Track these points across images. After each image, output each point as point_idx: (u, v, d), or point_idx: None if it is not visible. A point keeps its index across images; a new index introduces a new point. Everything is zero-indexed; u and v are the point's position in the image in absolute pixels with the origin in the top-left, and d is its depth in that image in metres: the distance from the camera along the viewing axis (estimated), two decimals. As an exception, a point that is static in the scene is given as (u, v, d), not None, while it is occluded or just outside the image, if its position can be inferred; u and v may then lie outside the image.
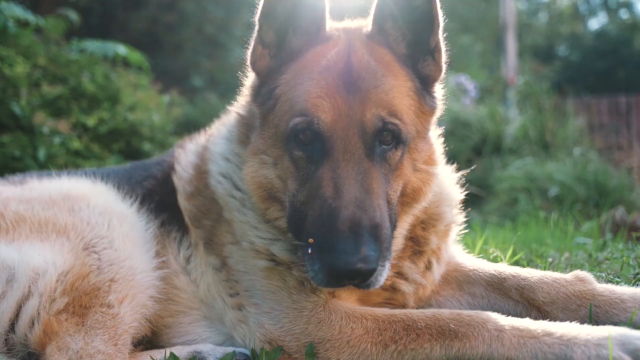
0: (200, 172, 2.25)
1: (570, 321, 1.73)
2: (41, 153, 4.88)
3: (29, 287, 1.85)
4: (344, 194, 1.64)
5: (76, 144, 5.15)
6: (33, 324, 1.81)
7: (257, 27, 1.94)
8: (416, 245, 2.07)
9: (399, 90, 1.83)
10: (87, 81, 5.56)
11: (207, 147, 2.30)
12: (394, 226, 1.80)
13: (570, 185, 5.64)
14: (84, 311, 1.86)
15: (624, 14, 36.65)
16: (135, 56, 6.05)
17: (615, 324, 1.70)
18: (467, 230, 2.44)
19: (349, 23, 2.11)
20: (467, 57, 19.46)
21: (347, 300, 1.96)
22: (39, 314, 1.82)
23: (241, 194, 2.06)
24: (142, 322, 2.01)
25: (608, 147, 12.51)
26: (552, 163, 6.43)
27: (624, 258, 2.47)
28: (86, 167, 5.36)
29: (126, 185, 2.35)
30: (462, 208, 2.28)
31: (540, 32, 29.93)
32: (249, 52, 1.99)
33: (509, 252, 2.54)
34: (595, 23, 39.85)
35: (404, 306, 2.06)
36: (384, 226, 1.65)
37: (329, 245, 1.58)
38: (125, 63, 6.61)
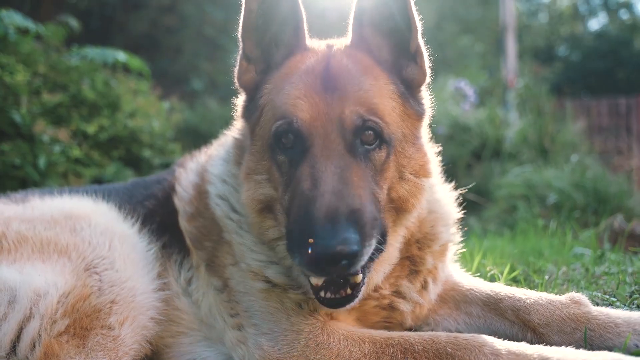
0: (201, 192, 2.27)
1: (566, 344, 1.77)
2: (41, 161, 4.90)
3: (31, 308, 1.86)
4: (320, 185, 1.64)
5: (76, 152, 5.17)
6: (34, 345, 1.83)
7: (240, 44, 1.98)
8: (412, 264, 2.09)
9: (379, 92, 1.85)
10: (87, 88, 5.57)
11: (207, 168, 2.32)
12: (383, 227, 1.78)
13: (569, 192, 5.66)
14: (84, 333, 1.88)
15: (624, 14, 36.65)
16: (135, 62, 6.06)
17: (609, 348, 1.72)
18: (464, 248, 2.46)
19: (331, 40, 2.15)
20: (467, 58, 19.47)
21: (345, 321, 1.98)
22: (40, 335, 1.84)
23: (238, 216, 2.09)
24: (143, 343, 2.03)
25: (607, 151, 12.53)
26: (550, 169, 6.45)
27: (620, 275, 2.49)
28: (86, 175, 5.39)
29: (127, 204, 2.37)
30: (459, 225, 2.30)
31: (541, 33, 29.94)
32: (235, 70, 2.02)
33: (506, 270, 2.56)
34: (596, 23, 39.85)
35: (401, 324, 2.08)
36: (365, 210, 1.64)
37: (307, 235, 1.57)
38: (126, 68, 6.62)
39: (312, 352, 1.85)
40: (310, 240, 1.58)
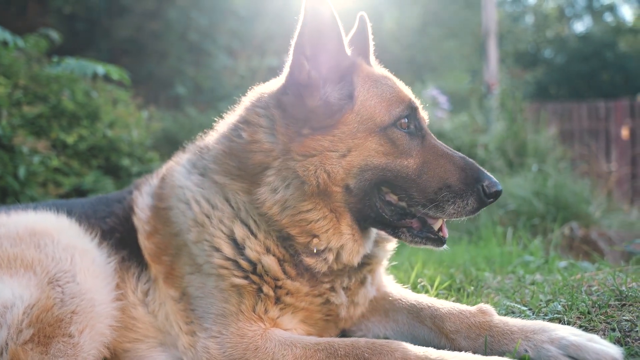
0: (158, 209, 2.48)
1: (471, 349, 2.02)
2: (21, 171, 5.08)
3: (-1, 320, 2.08)
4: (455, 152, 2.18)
5: (55, 162, 5.35)
6: (1, 353, 2.04)
7: None
8: None
9: None
10: (67, 100, 5.75)
11: (166, 183, 2.51)
12: None
13: (530, 200, 5.92)
14: (47, 341, 2.09)
15: (608, 17, 37.21)
16: (115, 72, 6.20)
17: (503, 353, 1.96)
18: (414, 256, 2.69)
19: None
20: (451, 62, 19.78)
21: (291, 323, 2.22)
22: (7, 344, 2.04)
23: (220, 212, 2.25)
24: (101, 348, 2.24)
25: (583, 156, 12.86)
26: (515, 178, 6.71)
27: (540, 285, 2.75)
28: (66, 183, 5.58)
29: (92, 218, 2.58)
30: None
31: (525, 36, 30.34)
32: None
33: (437, 281, 2.81)
34: (580, 26, 40.40)
35: (338, 317, 2.31)
36: None
37: (480, 178, 2.04)
38: (107, 77, 6.78)
39: (252, 355, 2.08)
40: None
